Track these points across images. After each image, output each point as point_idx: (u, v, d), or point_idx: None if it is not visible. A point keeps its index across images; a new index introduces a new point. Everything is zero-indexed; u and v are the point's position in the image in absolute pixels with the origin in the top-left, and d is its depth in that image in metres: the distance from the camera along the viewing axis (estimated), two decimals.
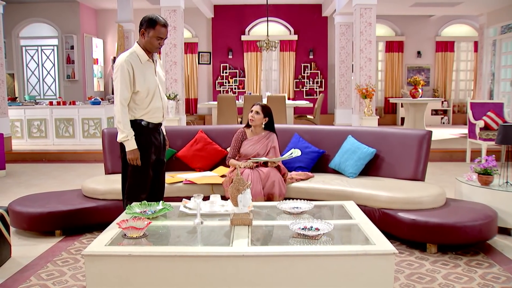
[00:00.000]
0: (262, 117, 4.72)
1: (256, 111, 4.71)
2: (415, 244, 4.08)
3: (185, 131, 5.59)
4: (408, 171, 4.79)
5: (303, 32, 14.69)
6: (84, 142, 10.18)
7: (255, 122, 4.72)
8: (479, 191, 4.54)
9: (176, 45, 9.74)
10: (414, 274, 3.53)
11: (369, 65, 9.61)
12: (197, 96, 14.94)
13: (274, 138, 4.78)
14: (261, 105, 4.75)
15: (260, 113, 4.71)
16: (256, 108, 4.72)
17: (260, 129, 4.79)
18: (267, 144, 4.70)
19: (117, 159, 5.28)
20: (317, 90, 14.77)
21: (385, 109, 14.95)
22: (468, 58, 15.15)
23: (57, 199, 4.77)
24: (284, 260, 2.61)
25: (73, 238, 4.43)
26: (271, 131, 4.83)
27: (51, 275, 3.55)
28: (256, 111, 4.71)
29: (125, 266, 2.62)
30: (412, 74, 14.68)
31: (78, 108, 10.30)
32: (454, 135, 11.67)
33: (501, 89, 12.23)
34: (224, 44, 14.74)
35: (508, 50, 12.00)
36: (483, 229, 3.94)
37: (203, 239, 3.01)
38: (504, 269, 3.62)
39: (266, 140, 4.73)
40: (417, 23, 14.80)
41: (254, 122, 4.72)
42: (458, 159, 8.76)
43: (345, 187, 4.51)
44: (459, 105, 15.12)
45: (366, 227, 3.08)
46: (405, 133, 4.99)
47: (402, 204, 4.16)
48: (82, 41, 13.45)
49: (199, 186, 4.71)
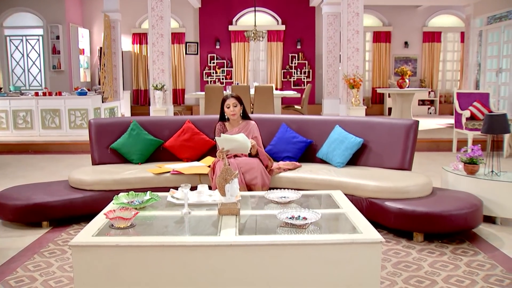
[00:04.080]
0: (240, 108, 4.71)
1: (234, 104, 4.67)
2: (402, 232, 4.12)
3: (172, 121, 5.56)
4: (395, 161, 4.82)
5: (290, 22, 14.66)
6: (71, 133, 10.09)
7: (236, 115, 4.70)
8: (465, 180, 4.58)
9: (163, 35, 9.67)
10: (401, 262, 3.56)
11: (356, 55, 9.62)
12: (185, 87, 14.87)
13: (254, 127, 4.75)
14: (235, 97, 4.72)
15: (237, 104, 4.69)
16: (233, 102, 4.67)
17: (238, 120, 4.76)
18: (249, 134, 4.67)
19: (105, 150, 5.27)
20: (305, 80, 14.77)
21: (372, 99, 15.00)
22: (454, 48, 15.23)
23: (44, 190, 4.74)
24: (272, 249, 2.62)
25: (60, 229, 4.40)
26: (247, 118, 4.81)
27: (38, 266, 3.53)
28: (234, 104, 4.67)
29: (113, 257, 2.61)
30: (399, 65, 14.72)
31: (65, 98, 10.20)
32: (441, 125, 11.75)
33: (487, 79, 12.31)
34: (212, 34, 14.67)
35: (494, 40, 12.07)
36: (468, 218, 3.98)
37: (191, 229, 3.01)
38: (488, 257, 3.67)
39: (247, 130, 4.71)
40: (405, 14, 14.83)
41: (235, 115, 4.70)
42: (445, 149, 8.83)
43: (332, 177, 4.53)
44: (446, 95, 15.21)
45: (353, 216, 3.10)
46: (392, 123, 5.01)
47: (389, 193, 4.18)
48: (68, 31, 13.29)
49: (186, 176, 4.69)
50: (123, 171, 4.84)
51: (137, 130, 5.27)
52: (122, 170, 4.89)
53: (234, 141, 4.24)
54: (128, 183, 4.66)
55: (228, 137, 4.24)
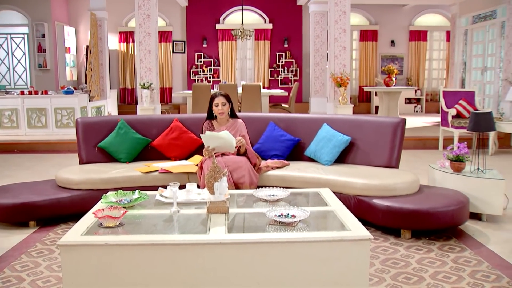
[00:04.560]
0: (228, 106, 4.71)
1: (222, 103, 4.65)
2: (389, 230, 4.15)
3: (160, 120, 5.54)
4: (383, 159, 4.85)
5: (277, 21, 14.67)
6: (57, 132, 10.01)
7: (224, 114, 4.70)
8: (451, 178, 4.63)
9: (150, 33, 9.62)
10: (389, 259, 3.59)
11: (343, 54, 9.66)
12: (172, 85, 14.82)
13: (242, 125, 4.75)
14: (224, 95, 4.70)
15: (226, 103, 4.68)
16: (222, 100, 4.65)
17: (226, 118, 4.76)
18: (236, 132, 4.68)
19: (92, 149, 5.25)
20: (292, 79, 14.80)
21: (359, 97, 15.07)
22: (440, 47, 15.35)
23: (31, 189, 4.70)
24: (262, 247, 2.62)
25: (47, 229, 4.37)
26: (234, 117, 4.81)
27: (25, 266, 3.50)
28: (223, 103, 4.66)
29: (102, 256, 2.59)
30: (386, 63, 14.81)
31: (51, 97, 10.12)
32: (427, 123, 11.84)
33: (473, 78, 12.44)
34: (199, 33, 14.64)
35: (479, 39, 12.20)
36: (455, 215, 4.03)
37: (180, 227, 3.01)
38: (475, 253, 3.72)
39: (234, 128, 4.71)
40: (391, 12, 14.92)
41: (223, 114, 4.69)
42: (431, 147, 8.91)
43: (320, 175, 4.55)
44: (432, 93, 15.33)
45: (342, 213, 3.11)
46: (380, 121, 5.04)
47: (377, 191, 4.22)
48: (54, 29, 13.17)
49: (174, 175, 4.69)
50: (110, 170, 4.82)
51: (125, 129, 5.25)
52: (110, 169, 4.86)
53: (219, 138, 4.24)
54: (116, 182, 4.64)
55: (213, 135, 4.24)
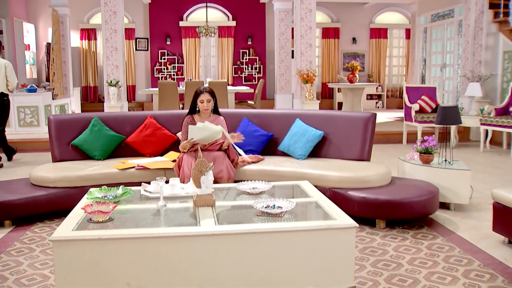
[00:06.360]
0: (212, 103, 4.73)
1: (208, 100, 4.63)
2: (365, 220, 4.29)
3: (133, 116, 5.53)
4: (355, 152, 5.01)
5: (241, 18, 14.74)
6: (20, 131, 9.76)
7: (208, 110, 4.71)
8: (420, 169, 4.82)
9: (117, 30, 9.52)
10: (367, 248, 3.73)
11: (309, 51, 9.80)
12: (135, 83, 14.68)
13: (223, 122, 4.78)
14: (209, 92, 4.67)
15: (211, 100, 4.68)
16: (207, 97, 4.62)
17: (208, 114, 4.76)
18: None
19: (65, 146, 5.20)
20: (256, 76, 14.90)
21: (322, 94, 15.29)
22: (400, 44, 15.76)
23: (4, 188, 4.63)
24: (253, 237, 2.70)
25: (24, 227, 4.32)
26: (217, 113, 4.86)
27: (6, 265, 3.47)
28: (208, 100, 4.64)
29: (95, 250, 2.62)
30: (347, 60, 15.08)
31: (13, 96, 9.83)
32: (389, 118, 12.15)
33: (432, 74, 12.83)
34: (162, 30, 14.54)
35: (438, 37, 12.59)
36: (426, 204, 4.21)
37: (170, 220, 3.06)
38: (446, 240, 3.91)
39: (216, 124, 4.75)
40: (352, 10, 15.21)
41: (208, 110, 4.70)
42: (395, 141, 9.17)
43: (296, 169, 4.66)
44: (393, 89, 15.72)
45: (325, 204, 3.22)
46: (351, 116, 5.20)
47: (352, 183, 4.36)
48: (12, 26, 12.83)
49: (151, 171, 4.71)
50: (86, 167, 4.80)
51: (99, 126, 5.23)
52: (85, 166, 4.84)
53: (206, 129, 4.30)
54: (93, 179, 4.62)
55: (201, 126, 4.31)
